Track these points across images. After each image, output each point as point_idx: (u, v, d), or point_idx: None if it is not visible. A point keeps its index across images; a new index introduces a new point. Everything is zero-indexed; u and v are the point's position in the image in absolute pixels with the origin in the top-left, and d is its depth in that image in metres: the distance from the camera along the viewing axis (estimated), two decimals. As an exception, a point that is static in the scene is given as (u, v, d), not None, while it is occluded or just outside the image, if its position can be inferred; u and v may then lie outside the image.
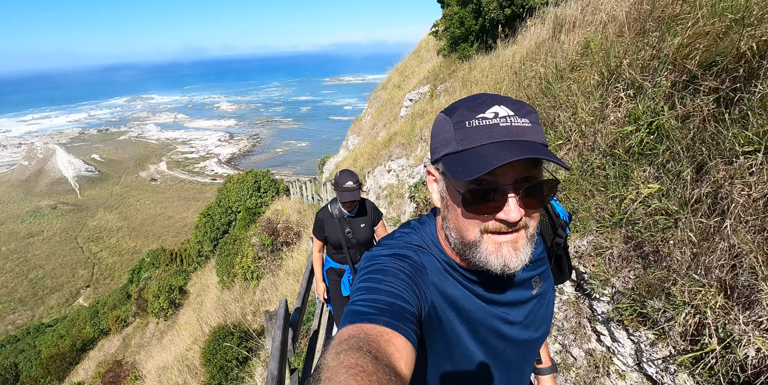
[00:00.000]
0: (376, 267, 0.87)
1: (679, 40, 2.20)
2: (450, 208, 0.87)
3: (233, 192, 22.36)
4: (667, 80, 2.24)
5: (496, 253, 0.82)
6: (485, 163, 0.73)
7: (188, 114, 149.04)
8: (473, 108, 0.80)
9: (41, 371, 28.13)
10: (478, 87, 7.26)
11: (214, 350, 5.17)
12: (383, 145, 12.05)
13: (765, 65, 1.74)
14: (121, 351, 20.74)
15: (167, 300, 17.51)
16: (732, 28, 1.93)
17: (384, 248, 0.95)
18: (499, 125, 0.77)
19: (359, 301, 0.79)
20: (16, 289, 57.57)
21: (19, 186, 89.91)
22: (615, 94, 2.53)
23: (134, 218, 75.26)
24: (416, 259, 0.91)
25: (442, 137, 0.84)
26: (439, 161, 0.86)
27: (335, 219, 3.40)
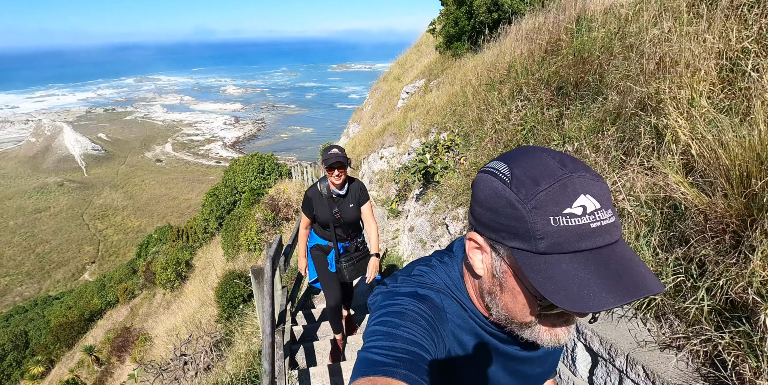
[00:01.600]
0: (395, 309, 0.81)
1: (550, 70, 3.32)
2: (506, 291, 0.78)
3: (239, 173, 23.65)
4: (543, 95, 3.38)
5: (549, 332, 0.77)
6: (587, 297, 0.63)
7: (194, 96, 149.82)
8: (557, 197, 0.67)
9: (51, 338, 29.66)
10: (462, 86, 8.33)
11: (225, 288, 6.33)
12: (378, 134, 13.19)
13: (579, 92, 2.86)
14: (129, 319, 22.09)
15: (174, 272, 18.79)
16: (571, 67, 3.05)
17: (403, 284, 0.89)
18: (590, 227, 0.66)
19: (374, 347, 0.74)
20: (24, 262, 59.10)
21: (27, 162, 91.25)
22: (516, 104, 3.66)
23: (139, 198, 76.63)
24: (438, 302, 0.85)
25: (511, 223, 0.70)
26: (500, 245, 0.74)
27: (324, 198, 3.39)
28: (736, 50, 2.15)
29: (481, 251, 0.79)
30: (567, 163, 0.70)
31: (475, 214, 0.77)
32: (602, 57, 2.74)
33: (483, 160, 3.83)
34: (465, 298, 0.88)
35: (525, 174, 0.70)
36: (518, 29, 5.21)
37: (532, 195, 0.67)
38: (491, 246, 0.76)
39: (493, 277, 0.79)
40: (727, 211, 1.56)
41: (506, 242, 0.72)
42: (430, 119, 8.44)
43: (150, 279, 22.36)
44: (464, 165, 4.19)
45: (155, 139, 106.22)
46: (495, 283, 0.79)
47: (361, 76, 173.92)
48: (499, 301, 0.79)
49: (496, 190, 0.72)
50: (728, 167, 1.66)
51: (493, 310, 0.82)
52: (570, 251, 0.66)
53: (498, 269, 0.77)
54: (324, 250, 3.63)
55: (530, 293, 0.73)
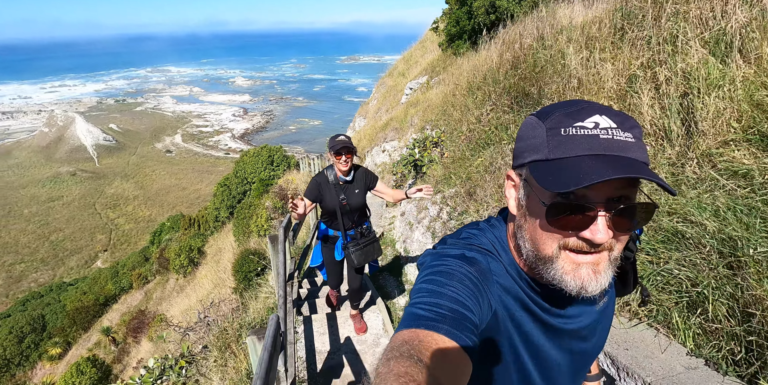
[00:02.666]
0: (442, 269, 0.82)
1: (511, 81, 4.07)
2: (528, 217, 0.80)
3: (249, 164, 24.59)
4: (505, 102, 4.13)
5: (573, 273, 0.77)
6: (581, 176, 0.67)
7: (204, 88, 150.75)
8: (571, 115, 0.74)
9: (67, 321, 30.80)
10: (453, 87, 9.05)
11: (241, 263, 7.19)
12: (381, 128, 13.93)
13: (527, 101, 3.61)
14: (144, 303, 23.11)
15: (187, 258, 19.72)
16: (524, 80, 3.80)
17: (451, 247, 0.91)
18: (600, 137, 0.70)
19: (419, 303, 0.76)
20: (38, 249, 60.51)
21: (40, 152, 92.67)
22: (486, 108, 4.41)
23: (150, 188, 77.82)
24: (484, 264, 0.86)
25: (530, 142, 0.77)
26: (523, 166, 0.79)
27: (331, 184, 3.49)
28: (630, 74, 2.91)
29: (514, 187, 0.85)
30: (596, 103, 0.78)
31: (514, 150, 0.84)
32: (544, 74, 3.48)
33: (459, 155, 4.59)
34: (509, 258, 0.89)
35: (553, 107, 0.79)
36: (504, 34, 5.92)
37: (550, 116, 0.76)
38: (518, 175, 0.83)
39: (521, 208, 0.83)
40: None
41: (526, 159, 0.79)
42: (426, 116, 9.17)
43: (163, 265, 23.36)
44: (445, 159, 4.97)
45: (165, 130, 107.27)
46: (522, 214, 0.82)
47: (369, 68, 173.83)
48: (525, 233, 0.82)
49: (529, 122, 0.80)
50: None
51: (523, 249, 0.83)
52: (575, 155, 0.71)
53: (522, 195, 0.82)
54: (332, 240, 3.78)
55: (540, 202, 0.76)
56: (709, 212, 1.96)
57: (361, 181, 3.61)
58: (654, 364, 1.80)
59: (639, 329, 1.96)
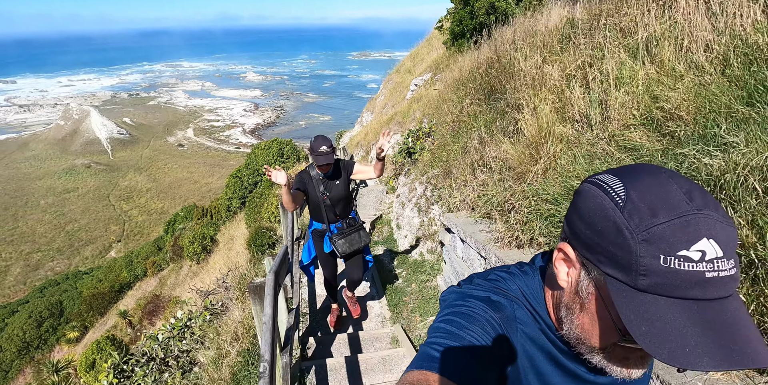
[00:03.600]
0: (464, 310, 0.79)
1: (485, 79, 4.80)
2: (586, 312, 0.72)
3: (260, 157, 25.54)
4: (481, 97, 4.85)
5: (621, 362, 0.71)
6: (682, 350, 0.57)
7: (215, 82, 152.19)
8: (675, 234, 0.59)
9: (84, 307, 31.98)
10: (449, 83, 9.77)
11: (255, 237, 8.01)
12: (386, 122, 14.66)
13: (495, 96, 4.34)
14: (158, 289, 24.08)
15: (200, 246, 20.64)
16: (495, 78, 4.53)
17: (476, 288, 0.86)
18: (705, 276, 0.58)
19: (436, 344, 0.73)
20: (54, 239, 61.99)
21: (56, 144, 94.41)
22: (467, 101, 5.13)
23: (162, 181, 79.15)
24: (509, 310, 0.81)
25: (613, 250, 0.63)
26: (594, 265, 0.68)
27: (313, 180, 3.71)
28: (568, 74, 3.63)
29: (569, 264, 0.74)
30: (695, 197, 0.62)
31: (573, 226, 0.70)
32: (508, 73, 4.21)
33: (443, 142, 5.33)
34: (542, 310, 0.83)
35: (643, 200, 0.62)
36: (499, 34, 6.64)
37: (646, 226, 0.60)
38: (582, 263, 0.71)
39: (575, 294, 0.73)
40: (521, 157, 3.07)
41: (602, 266, 0.65)
42: (425, 110, 9.90)
43: (177, 253, 24.34)
44: (433, 146, 5.71)
45: (177, 125, 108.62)
46: (576, 300, 0.73)
47: (380, 64, 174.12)
48: (575, 318, 0.74)
49: (604, 210, 0.64)
50: (531, 140, 3.17)
51: (566, 326, 0.77)
52: (674, 296, 0.60)
53: (584, 288, 0.71)
54: (320, 234, 3.97)
55: (614, 325, 0.67)
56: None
57: (341, 173, 3.78)
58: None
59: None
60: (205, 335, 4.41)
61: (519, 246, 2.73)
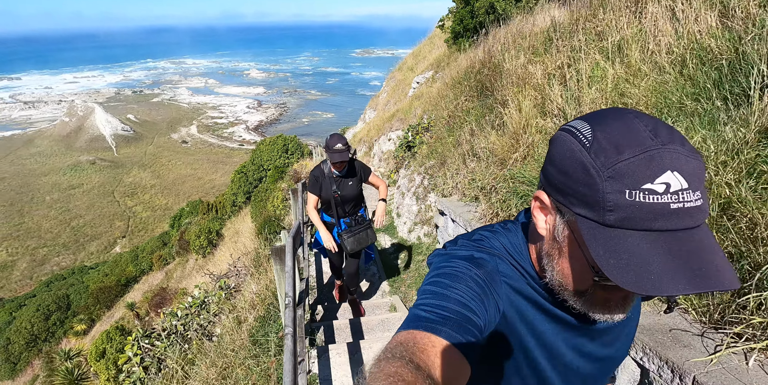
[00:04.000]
0: (447, 271, 0.82)
1: (478, 77, 5.22)
2: (563, 255, 0.75)
3: (265, 152, 26.03)
4: (474, 94, 5.27)
5: (602, 305, 0.74)
6: (653, 278, 0.59)
7: (219, 79, 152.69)
8: (639, 169, 0.61)
9: (91, 300, 32.51)
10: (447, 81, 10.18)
11: (264, 224, 8.46)
12: (388, 119, 15.09)
13: (485, 93, 4.77)
14: (165, 282, 24.58)
15: (206, 240, 21.11)
16: (487, 77, 4.95)
17: (460, 248, 0.89)
18: (670, 207, 0.60)
19: (422, 305, 0.75)
20: (60, 235, 62.63)
21: (61, 141, 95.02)
22: (462, 98, 5.56)
23: (166, 177, 79.70)
24: (492, 265, 0.84)
25: (579, 188, 0.66)
26: (566, 208, 0.70)
27: (327, 178, 3.78)
28: (548, 73, 4.05)
29: (545, 211, 0.77)
30: (660, 133, 0.63)
31: (546, 173, 0.74)
32: (498, 72, 4.63)
33: (440, 136, 5.76)
34: (526, 263, 0.86)
35: (608, 139, 0.64)
36: (493, 36, 7.05)
37: (611, 163, 0.62)
38: (557, 208, 0.74)
39: (553, 239, 0.76)
40: (504, 147, 3.50)
41: (573, 207, 0.68)
42: (426, 107, 10.31)
43: (183, 247, 24.82)
44: (431, 140, 6.13)
45: (181, 121, 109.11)
46: (554, 246, 0.76)
47: (383, 62, 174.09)
48: (555, 264, 0.77)
49: (572, 152, 0.67)
50: (517, 130, 3.60)
51: (548, 273, 0.80)
52: (640, 229, 0.62)
53: (560, 232, 0.74)
54: (329, 226, 4.04)
55: (588, 263, 0.69)
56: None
57: (356, 174, 3.87)
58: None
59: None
60: (221, 311, 4.86)
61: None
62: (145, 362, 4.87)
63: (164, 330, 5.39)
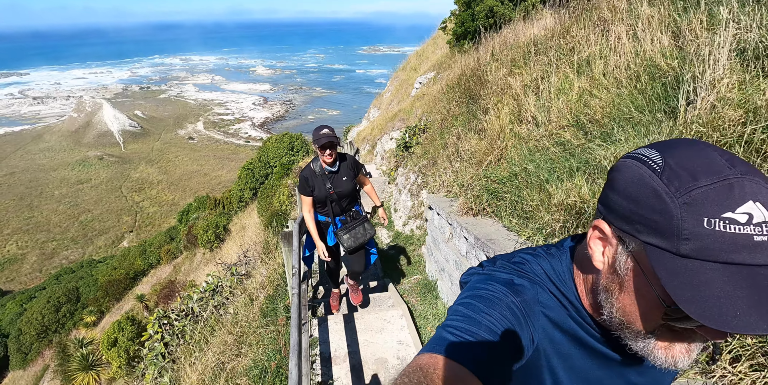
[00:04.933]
0: (483, 294, 0.77)
1: (468, 84, 5.75)
2: (625, 290, 0.68)
3: (271, 150, 26.68)
4: (463, 100, 5.80)
5: (665, 349, 0.68)
6: (732, 314, 0.53)
7: (225, 76, 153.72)
8: (718, 197, 0.56)
9: (101, 293, 33.31)
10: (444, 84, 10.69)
11: (272, 217, 9.07)
12: (390, 119, 15.62)
13: (472, 100, 5.29)
14: (173, 275, 25.29)
15: (214, 234, 21.76)
16: (475, 85, 5.47)
17: (500, 269, 0.84)
18: (753, 240, 0.54)
19: (451, 327, 0.72)
20: (69, 229, 63.64)
21: (69, 136, 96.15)
22: (454, 104, 6.08)
23: (173, 173, 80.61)
24: (531, 294, 0.79)
25: (652, 216, 0.61)
26: (632, 238, 0.64)
27: (318, 176, 3.63)
28: (524, 84, 4.58)
29: (604, 242, 0.71)
30: (737, 164, 0.59)
31: (609, 200, 0.68)
32: (483, 81, 5.15)
33: (433, 138, 6.29)
34: (570, 293, 0.80)
35: (681, 166, 0.60)
36: (489, 40, 7.56)
37: (686, 189, 0.57)
38: (619, 238, 0.68)
39: (613, 273, 0.70)
40: (481, 149, 4.03)
41: (641, 235, 0.62)
42: (425, 108, 10.83)
43: (191, 241, 25.50)
44: (425, 141, 6.67)
45: (188, 118, 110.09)
46: (615, 280, 0.70)
47: (390, 59, 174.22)
48: (615, 301, 0.70)
49: (641, 178, 0.62)
50: (494, 135, 4.13)
51: (606, 310, 0.72)
52: (721, 261, 0.56)
53: (622, 264, 0.68)
54: (323, 225, 3.91)
55: (658, 298, 0.62)
56: (534, 163, 3.67)
57: (349, 170, 3.75)
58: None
59: None
60: (233, 294, 5.43)
61: (474, 214, 3.68)
62: (165, 338, 5.45)
63: (182, 311, 5.97)
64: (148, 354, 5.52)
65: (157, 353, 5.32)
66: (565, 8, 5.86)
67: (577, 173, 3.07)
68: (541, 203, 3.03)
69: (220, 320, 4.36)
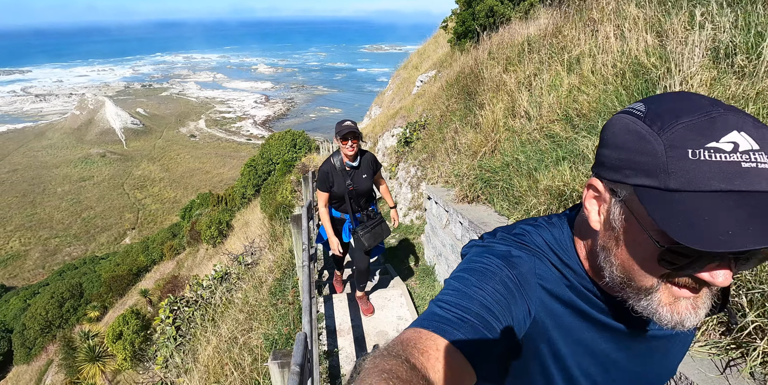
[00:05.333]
0: (477, 267, 0.76)
1: (466, 82, 6.01)
2: (622, 244, 0.67)
3: (274, 147, 27.00)
4: (461, 96, 6.07)
5: (670, 306, 0.65)
6: (729, 232, 0.52)
7: (227, 74, 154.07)
8: (699, 128, 0.56)
9: (104, 288, 33.66)
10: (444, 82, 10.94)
11: (277, 209, 9.36)
12: (391, 116, 15.88)
13: (469, 96, 5.56)
14: (176, 271, 25.58)
15: (217, 230, 22.04)
16: (472, 83, 5.74)
17: (499, 242, 0.82)
18: (741, 166, 0.54)
19: (442, 301, 0.71)
20: (71, 226, 64.02)
21: (72, 134, 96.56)
22: (452, 100, 6.35)
23: (175, 171, 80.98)
24: (529, 266, 0.77)
25: (638, 158, 0.60)
26: (623, 185, 0.64)
27: (338, 171, 3.57)
28: (519, 81, 4.84)
29: (599, 200, 0.71)
30: (721, 104, 0.59)
31: (600, 156, 0.68)
32: (480, 78, 5.42)
33: (432, 133, 6.56)
34: (573, 261, 0.78)
35: (664, 108, 0.61)
36: (489, 38, 7.83)
37: (668, 127, 0.58)
38: (611, 191, 0.67)
39: (609, 229, 0.69)
40: (477, 142, 4.31)
41: (629, 179, 0.62)
42: (425, 106, 11.09)
43: (194, 237, 25.80)
44: (425, 136, 6.94)
45: (189, 116, 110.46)
46: (611, 236, 0.69)
47: (392, 57, 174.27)
48: (614, 258, 0.69)
49: (626, 126, 0.63)
50: (488, 129, 4.41)
51: (607, 271, 0.70)
52: (708, 190, 0.55)
53: (616, 216, 0.66)
54: (339, 221, 3.88)
55: (653, 241, 0.60)
56: (525, 154, 3.94)
57: (368, 167, 3.70)
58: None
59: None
60: (241, 280, 5.71)
61: (469, 202, 3.96)
62: (176, 322, 5.73)
63: (192, 298, 6.26)
64: (160, 337, 5.79)
65: (169, 336, 5.59)
66: (560, 8, 6.13)
67: (562, 162, 3.35)
68: (529, 188, 3.31)
69: (231, 300, 4.64)
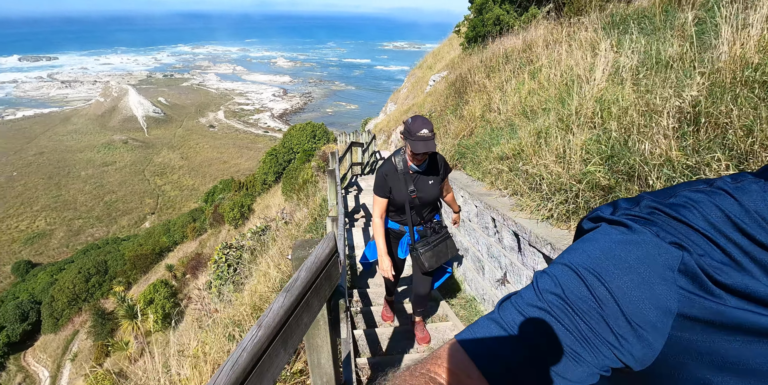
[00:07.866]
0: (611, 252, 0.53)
1: (462, 84, 7.65)
2: None
3: (295, 137, 28.90)
4: (459, 95, 7.72)
5: None
6: None
7: (246, 67, 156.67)
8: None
9: (128, 266, 35.86)
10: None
11: (303, 186, 11.15)
12: (405, 112, 17.54)
13: (461, 96, 7.21)
14: (199, 249, 27.52)
15: (239, 212, 23.90)
16: (464, 85, 7.37)
17: (641, 226, 0.54)
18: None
19: (539, 292, 0.54)
20: (94, 208, 66.66)
21: (95, 120, 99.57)
22: (451, 97, 7.98)
23: (194, 159, 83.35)
24: (670, 264, 0.51)
25: None
26: None
27: (399, 174, 2.94)
28: (496, 85, 6.49)
29: None
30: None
31: None
32: (468, 83, 7.07)
33: (435, 125, 8.22)
34: None
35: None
36: (492, 46, 9.44)
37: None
38: None
39: None
40: (459, 128, 5.97)
41: None
42: (434, 102, 12.74)
43: (217, 219, 27.75)
44: (428, 126, 8.63)
45: (209, 106, 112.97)
46: None
47: (410, 55, 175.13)
48: None
49: None
50: (469, 119, 6.07)
51: None
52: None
53: None
54: (397, 235, 3.27)
55: None
56: (490, 136, 5.60)
57: (437, 171, 3.08)
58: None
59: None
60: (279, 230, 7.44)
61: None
62: (229, 260, 7.49)
63: (240, 246, 7.99)
64: (215, 272, 7.53)
65: (224, 269, 7.34)
66: (557, 20, 7.71)
67: (510, 139, 5.00)
68: (485, 157, 4.97)
69: (275, 238, 6.35)
